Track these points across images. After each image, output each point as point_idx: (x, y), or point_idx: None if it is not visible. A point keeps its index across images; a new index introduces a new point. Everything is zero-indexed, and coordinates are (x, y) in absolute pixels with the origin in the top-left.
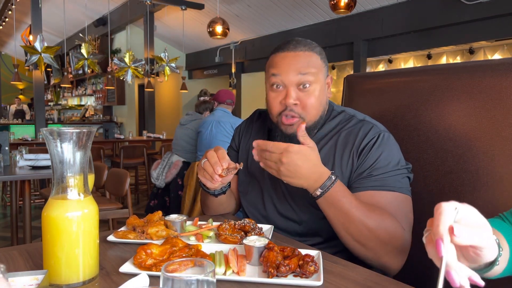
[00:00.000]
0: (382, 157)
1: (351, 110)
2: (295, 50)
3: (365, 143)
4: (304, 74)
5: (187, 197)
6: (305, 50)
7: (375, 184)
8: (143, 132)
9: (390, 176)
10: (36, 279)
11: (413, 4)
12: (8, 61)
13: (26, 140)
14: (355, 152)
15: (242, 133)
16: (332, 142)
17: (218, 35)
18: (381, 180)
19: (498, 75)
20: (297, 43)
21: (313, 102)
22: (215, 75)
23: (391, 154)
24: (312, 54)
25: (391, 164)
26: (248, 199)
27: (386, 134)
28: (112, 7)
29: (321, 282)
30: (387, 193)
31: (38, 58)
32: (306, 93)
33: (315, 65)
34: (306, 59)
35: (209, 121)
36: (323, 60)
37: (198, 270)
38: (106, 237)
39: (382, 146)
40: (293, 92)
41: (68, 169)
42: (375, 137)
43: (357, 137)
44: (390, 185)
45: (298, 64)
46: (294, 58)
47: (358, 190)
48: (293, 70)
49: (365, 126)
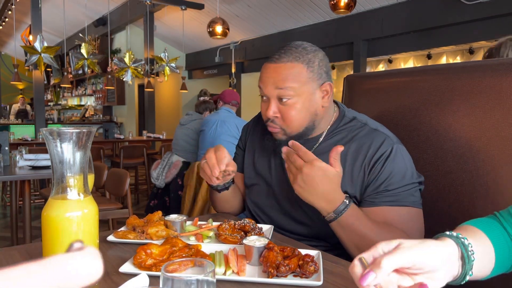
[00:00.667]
0: (396, 171)
1: (363, 116)
2: (277, 62)
3: (377, 157)
4: (282, 89)
5: (187, 197)
6: (289, 61)
7: (389, 200)
8: (143, 132)
9: (404, 190)
10: None
11: (413, 4)
12: (8, 61)
13: (26, 140)
14: (366, 165)
15: (249, 132)
16: (344, 151)
17: (218, 35)
18: (395, 195)
19: (498, 75)
20: (284, 53)
21: (293, 115)
22: (215, 75)
23: (404, 167)
24: (295, 65)
25: (405, 179)
26: (252, 198)
27: (399, 147)
28: (112, 7)
29: (321, 282)
30: (401, 208)
31: (38, 58)
32: (286, 107)
33: (297, 78)
34: (285, 72)
35: (214, 120)
36: (313, 70)
37: (198, 270)
38: (106, 237)
39: (396, 159)
40: (273, 105)
41: (68, 169)
42: (388, 150)
43: (369, 149)
44: (404, 200)
45: (276, 77)
46: (274, 71)
47: (372, 205)
48: (271, 84)
49: (378, 138)
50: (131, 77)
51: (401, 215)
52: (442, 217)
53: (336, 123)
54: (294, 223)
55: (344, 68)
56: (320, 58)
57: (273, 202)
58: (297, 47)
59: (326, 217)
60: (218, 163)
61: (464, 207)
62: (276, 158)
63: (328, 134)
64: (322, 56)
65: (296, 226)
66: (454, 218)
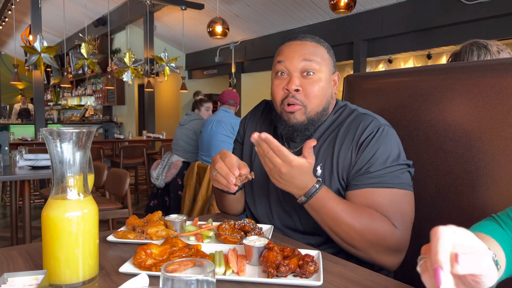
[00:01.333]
0: (380, 151)
1: (353, 105)
2: (302, 40)
3: (364, 137)
4: (309, 61)
5: (187, 197)
6: (313, 41)
7: (372, 182)
8: (142, 132)
9: (389, 172)
10: (36, 279)
11: (413, 4)
12: (8, 61)
13: (26, 140)
14: (354, 147)
15: (247, 124)
16: (332, 136)
17: (218, 35)
18: (379, 177)
19: (498, 75)
20: (306, 35)
21: (316, 90)
22: (215, 75)
23: (389, 148)
24: (318, 46)
25: (389, 159)
26: (250, 194)
27: (386, 128)
28: (111, 7)
29: (321, 282)
30: (385, 190)
31: (37, 58)
32: (309, 81)
33: (321, 55)
34: (312, 47)
35: (210, 121)
36: (330, 55)
37: (198, 270)
38: (106, 237)
39: (381, 140)
40: (296, 78)
41: (67, 169)
42: (374, 131)
43: (356, 130)
44: (388, 182)
45: (303, 50)
46: (300, 46)
47: (356, 188)
48: (298, 56)
49: (365, 120)
50: (130, 77)
51: (384, 197)
52: (442, 217)
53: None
54: (290, 214)
55: (344, 68)
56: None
57: (270, 194)
58: (314, 36)
59: (298, 200)
60: (231, 170)
61: (464, 207)
62: None
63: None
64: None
65: (292, 217)
66: (454, 218)
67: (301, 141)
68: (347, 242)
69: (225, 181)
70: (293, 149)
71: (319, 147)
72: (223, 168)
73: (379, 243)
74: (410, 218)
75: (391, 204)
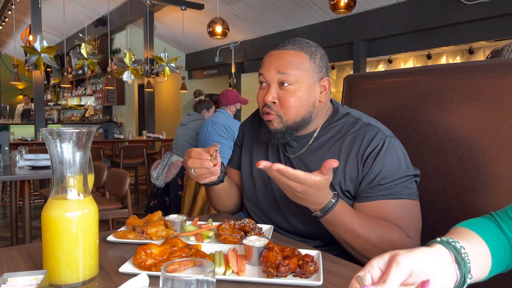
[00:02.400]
0: (389, 164)
1: (356, 112)
2: (281, 49)
3: (370, 150)
4: (283, 74)
5: (187, 197)
6: (293, 49)
7: (383, 193)
8: (142, 132)
9: (399, 183)
10: (36, 279)
11: (413, 4)
12: (8, 61)
13: (26, 140)
14: (360, 159)
15: (246, 128)
16: (336, 146)
17: (218, 35)
18: (389, 188)
19: (498, 75)
20: (288, 43)
21: (292, 101)
22: (215, 75)
23: (397, 160)
24: (299, 54)
25: (399, 171)
26: (250, 197)
27: (392, 140)
28: (111, 7)
29: (321, 282)
30: (396, 201)
31: (37, 58)
32: (285, 92)
33: (300, 65)
34: (289, 57)
35: (206, 122)
36: (314, 61)
37: (198, 270)
38: (106, 237)
39: (389, 153)
40: (273, 90)
41: (67, 169)
42: (380, 143)
43: (362, 143)
44: (399, 193)
45: (279, 62)
46: (277, 56)
47: (367, 199)
48: (274, 68)
49: (370, 132)
50: (130, 77)
51: (396, 208)
52: (442, 217)
53: (329, 119)
54: (289, 219)
55: (344, 68)
56: (322, 54)
57: (270, 198)
58: (301, 40)
59: (313, 214)
60: (201, 157)
61: (464, 207)
62: (273, 152)
63: (321, 130)
64: (323, 52)
65: (291, 222)
66: (454, 218)
67: (299, 145)
68: (363, 255)
69: (204, 170)
70: (291, 154)
71: (322, 157)
72: (195, 162)
73: None
74: (420, 227)
75: (404, 215)
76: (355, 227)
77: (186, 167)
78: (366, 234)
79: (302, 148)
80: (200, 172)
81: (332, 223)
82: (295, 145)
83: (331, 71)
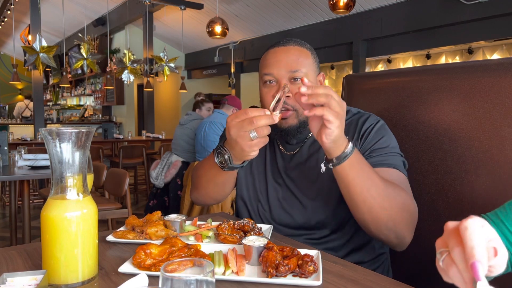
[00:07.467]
0: (383, 139)
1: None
2: (286, 45)
3: (365, 128)
4: (295, 71)
5: (186, 197)
6: (296, 44)
7: (378, 160)
8: (142, 132)
9: (391, 156)
10: (35, 279)
11: (412, 4)
12: (7, 61)
13: (25, 140)
14: (357, 138)
15: None
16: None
17: (217, 35)
18: (383, 156)
19: (497, 75)
20: (288, 40)
21: None
22: (214, 75)
23: (389, 138)
24: (303, 49)
25: (390, 146)
26: (250, 195)
27: (383, 122)
28: (111, 7)
29: (321, 282)
30: (391, 169)
31: (36, 58)
32: (298, 85)
33: (306, 60)
34: (297, 53)
35: (204, 122)
36: (314, 56)
37: (197, 270)
38: (105, 237)
39: (382, 130)
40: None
41: (67, 169)
42: (374, 122)
43: (357, 126)
44: (393, 163)
45: (288, 58)
46: (285, 53)
47: None
48: (284, 66)
49: (363, 116)
50: (130, 77)
51: (391, 175)
52: (442, 217)
53: None
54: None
55: (343, 68)
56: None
57: (272, 194)
58: (296, 39)
59: (331, 165)
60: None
61: (464, 207)
62: (270, 150)
63: None
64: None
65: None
66: (454, 218)
67: (298, 142)
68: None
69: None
70: (290, 152)
71: (318, 150)
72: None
73: (405, 208)
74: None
75: (401, 182)
76: (373, 173)
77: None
78: (382, 182)
79: (299, 145)
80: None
81: (352, 169)
82: (294, 142)
83: (330, 70)
